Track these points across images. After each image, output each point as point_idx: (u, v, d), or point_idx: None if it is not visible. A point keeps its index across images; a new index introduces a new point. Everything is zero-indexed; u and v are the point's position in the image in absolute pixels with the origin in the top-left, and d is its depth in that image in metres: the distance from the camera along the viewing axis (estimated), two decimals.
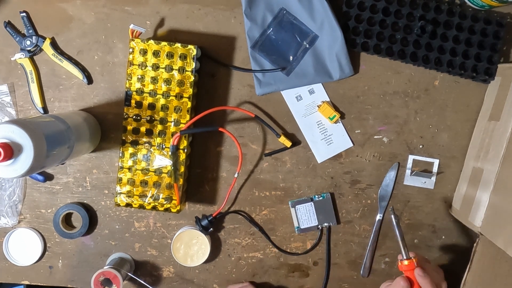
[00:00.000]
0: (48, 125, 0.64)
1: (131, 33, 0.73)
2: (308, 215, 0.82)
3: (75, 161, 0.82)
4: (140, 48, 0.73)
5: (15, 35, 0.78)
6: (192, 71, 0.74)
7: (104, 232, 0.84)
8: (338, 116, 0.79)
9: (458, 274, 0.73)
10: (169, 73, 0.74)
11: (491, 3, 0.74)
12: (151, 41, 0.73)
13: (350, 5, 0.77)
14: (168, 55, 0.73)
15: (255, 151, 0.82)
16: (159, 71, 0.74)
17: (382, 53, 0.78)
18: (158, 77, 0.74)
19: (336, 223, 0.83)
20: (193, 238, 0.81)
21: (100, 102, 0.81)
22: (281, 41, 0.78)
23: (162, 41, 0.74)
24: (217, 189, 0.83)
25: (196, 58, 0.74)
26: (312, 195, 0.82)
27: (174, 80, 0.74)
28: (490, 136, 0.75)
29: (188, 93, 0.74)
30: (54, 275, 0.85)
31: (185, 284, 0.85)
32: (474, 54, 0.77)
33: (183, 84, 0.74)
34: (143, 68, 0.74)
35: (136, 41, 0.73)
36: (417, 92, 0.81)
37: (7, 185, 0.82)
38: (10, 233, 0.83)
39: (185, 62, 0.74)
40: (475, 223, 0.72)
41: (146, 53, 0.74)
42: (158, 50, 0.74)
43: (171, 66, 0.74)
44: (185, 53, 0.73)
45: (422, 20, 0.76)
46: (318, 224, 0.82)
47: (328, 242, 0.83)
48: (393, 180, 0.82)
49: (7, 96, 0.80)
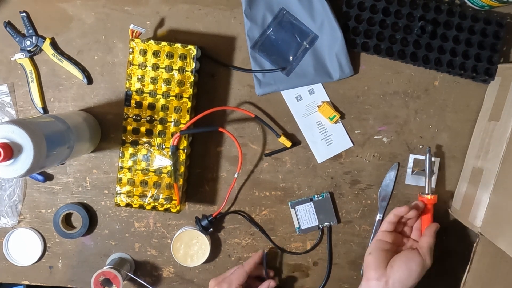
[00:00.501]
0: (48, 125, 0.65)
1: (131, 33, 0.73)
2: (308, 215, 0.82)
3: (75, 161, 0.82)
4: (140, 48, 0.74)
5: (15, 35, 0.78)
6: (192, 71, 0.74)
7: (104, 232, 0.84)
8: (338, 116, 0.79)
9: (458, 274, 0.73)
10: (169, 73, 0.74)
11: (491, 3, 0.74)
12: (151, 41, 0.73)
13: (350, 5, 0.77)
14: (168, 55, 0.73)
15: (255, 151, 0.82)
16: (159, 71, 0.74)
17: (382, 53, 0.78)
18: (158, 77, 0.74)
19: (337, 222, 0.83)
20: (193, 238, 0.81)
21: (100, 102, 0.81)
22: (281, 41, 0.78)
23: (162, 41, 0.74)
24: (217, 189, 0.83)
25: (196, 58, 0.74)
26: (312, 195, 0.82)
27: (174, 80, 0.74)
28: (490, 136, 0.75)
29: (188, 93, 0.74)
30: (54, 275, 0.85)
31: (185, 284, 0.85)
32: (474, 54, 0.77)
33: (183, 84, 0.74)
34: (143, 68, 0.74)
35: (136, 41, 0.73)
36: (417, 92, 0.81)
37: (7, 185, 0.82)
38: (10, 233, 0.83)
39: (185, 62, 0.74)
40: (475, 223, 0.72)
41: (146, 53, 0.74)
42: (158, 50, 0.74)
43: (171, 66, 0.74)
44: (185, 53, 0.73)
45: (422, 20, 0.76)
46: (319, 224, 0.82)
47: (330, 242, 0.83)
48: (393, 180, 0.82)
49: (7, 96, 0.80)
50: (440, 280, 0.84)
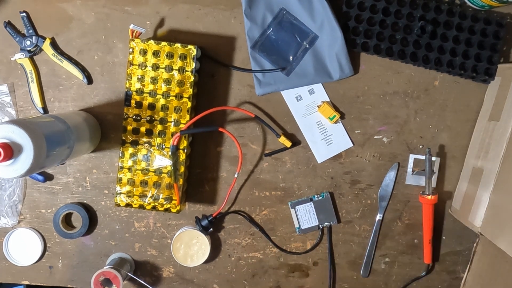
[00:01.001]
0: (48, 125, 0.64)
1: (131, 33, 0.73)
2: (308, 215, 0.82)
3: (75, 161, 0.82)
4: (140, 48, 0.73)
5: (15, 35, 0.78)
6: (192, 71, 0.74)
7: (104, 232, 0.84)
8: (338, 116, 0.79)
9: (458, 274, 0.73)
10: (169, 73, 0.74)
11: (491, 3, 0.74)
12: (151, 41, 0.73)
13: (350, 5, 0.77)
14: (168, 55, 0.73)
15: (255, 151, 0.82)
16: (159, 71, 0.74)
17: (382, 53, 0.78)
18: (158, 77, 0.74)
19: (337, 222, 0.83)
20: (193, 238, 0.81)
21: (100, 102, 0.81)
22: (281, 41, 0.78)
23: (162, 41, 0.74)
24: (217, 189, 0.83)
25: (196, 58, 0.74)
26: (312, 195, 0.82)
27: (174, 80, 0.74)
28: (490, 136, 0.75)
29: (188, 93, 0.74)
30: (54, 275, 0.85)
31: (185, 284, 0.85)
32: (474, 54, 0.77)
33: (183, 84, 0.74)
34: (143, 68, 0.74)
35: (136, 41, 0.73)
36: (417, 92, 0.81)
37: (7, 185, 0.82)
38: (10, 233, 0.83)
39: (185, 62, 0.74)
40: (475, 223, 0.72)
41: (146, 53, 0.74)
42: (158, 50, 0.74)
43: (171, 66, 0.74)
44: (185, 53, 0.73)
45: (422, 20, 0.76)
46: (319, 223, 0.82)
47: (330, 242, 0.83)
48: (393, 180, 0.82)
49: (7, 96, 0.80)
50: (440, 280, 0.84)
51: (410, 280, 0.84)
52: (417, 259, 0.84)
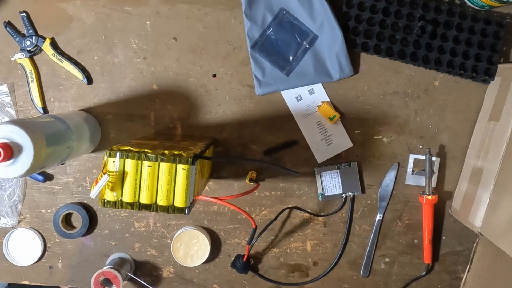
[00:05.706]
0: (48, 125, 0.64)
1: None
2: (333, 183, 0.81)
3: (75, 161, 0.82)
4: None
5: (15, 35, 0.78)
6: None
7: (104, 232, 0.84)
8: (338, 116, 0.79)
9: (458, 274, 0.73)
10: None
11: (491, 3, 0.74)
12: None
13: (350, 5, 0.77)
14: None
15: (255, 151, 0.82)
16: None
17: (382, 53, 0.78)
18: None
19: (361, 192, 0.82)
20: (193, 238, 0.81)
21: (100, 102, 0.81)
22: (281, 41, 0.78)
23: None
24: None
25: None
26: (339, 163, 0.81)
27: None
28: (490, 136, 0.75)
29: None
30: (54, 275, 0.85)
31: (185, 284, 0.85)
32: (474, 54, 0.77)
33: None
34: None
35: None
36: (417, 92, 0.81)
37: (7, 185, 0.82)
38: (10, 233, 0.83)
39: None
40: (475, 223, 0.73)
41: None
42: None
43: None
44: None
45: (422, 20, 0.76)
46: (343, 192, 0.82)
47: (351, 212, 0.83)
48: (393, 180, 0.82)
49: (7, 96, 0.80)
50: (440, 280, 0.84)
51: (410, 280, 0.84)
52: (417, 259, 0.84)
